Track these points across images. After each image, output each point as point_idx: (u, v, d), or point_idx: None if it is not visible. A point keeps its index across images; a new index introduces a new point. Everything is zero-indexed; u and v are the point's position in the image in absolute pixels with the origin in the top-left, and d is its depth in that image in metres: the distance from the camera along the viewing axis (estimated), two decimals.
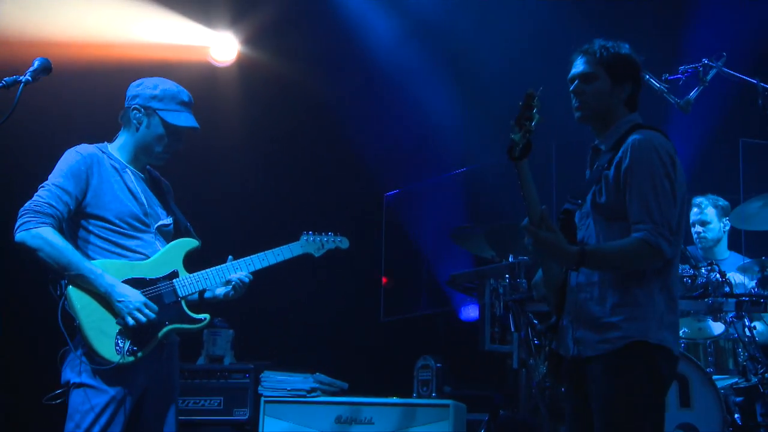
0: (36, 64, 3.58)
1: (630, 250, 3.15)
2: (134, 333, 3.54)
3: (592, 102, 3.37)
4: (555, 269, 3.37)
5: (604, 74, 3.37)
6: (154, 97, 3.79)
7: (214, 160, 7.61)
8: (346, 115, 8.00)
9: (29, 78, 3.53)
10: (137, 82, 3.86)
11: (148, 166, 3.92)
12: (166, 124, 3.78)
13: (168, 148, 3.82)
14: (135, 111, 3.78)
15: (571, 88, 3.42)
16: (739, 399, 5.37)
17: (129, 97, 3.83)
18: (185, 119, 3.82)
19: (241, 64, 7.78)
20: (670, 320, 3.23)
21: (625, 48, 3.42)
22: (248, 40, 7.79)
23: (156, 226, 3.79)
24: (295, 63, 7.85)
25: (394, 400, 5.13)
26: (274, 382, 5.31)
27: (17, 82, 3.48)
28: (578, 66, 3.42)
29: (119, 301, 3.53)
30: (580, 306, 3.26)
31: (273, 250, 3.93)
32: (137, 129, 3.79)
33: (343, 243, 4.19)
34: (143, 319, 3.54)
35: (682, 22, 7.03)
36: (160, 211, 3.86)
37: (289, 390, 5.25)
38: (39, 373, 3.98)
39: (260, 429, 5.18)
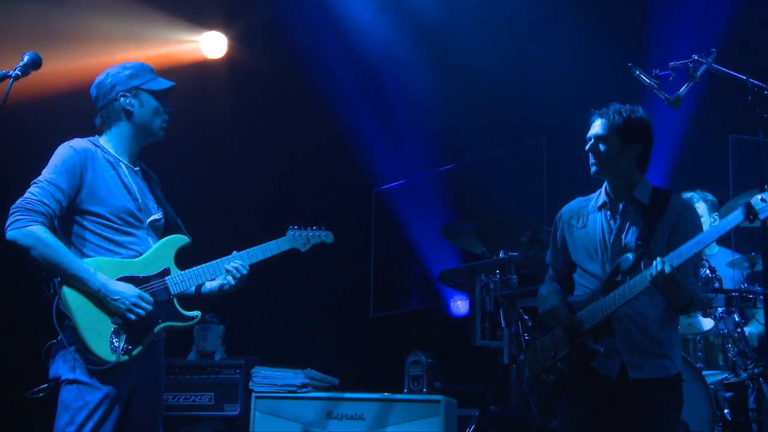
0: (26, 58, 3.56)
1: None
2: (128, 332, 3.52)
3: (606, 161, 3.79)
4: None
5: (616, 137, 3.78)
6: (130, 77, 3.76)
7: (203, 155, 7.60)
8: (335, 111, 7.99)
9: (19, 73, 3.51)
10: (98, 79, 3.78)
11: (138, 160, 3.89)
12: (154, 93, 3.77)
13: (164, 116, 3.81)
14: (122, 98, 3.73)
15: (587, 147, 3.84)
16: (728, 394, 5.38)
17: (102, 94, 3.75)
18: (164, 82, 3.83)
19: (232, 59, 7.76)
20: None
21: (638, 112, 3.85)
22: (238, 36, 7.77)
23: (148, 221, 3.76)
24: (285, 58, 7.83)
25: (385, 395, 5.12)
26: (265, 377, 5.29)
27: (7, 77, 3.52)
28: (594, 128, 3.83)
29: (115, 299, 3.50)
30: (630, 334, 3.67)
31: (261, 245, 3.90)
32: (131, 114, 3.75)
33: (328, 237, 4.17)
34: (142, 312, 3.53)
35: (674, 16, 7.04)
36: (152, 205, 3.83)
37: (279, 385, 5.23)
38: (18, 367, 3.96)
39: (251, 424, 5.16)
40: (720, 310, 5.34)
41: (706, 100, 5.77)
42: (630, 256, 3.62)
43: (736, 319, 5.32)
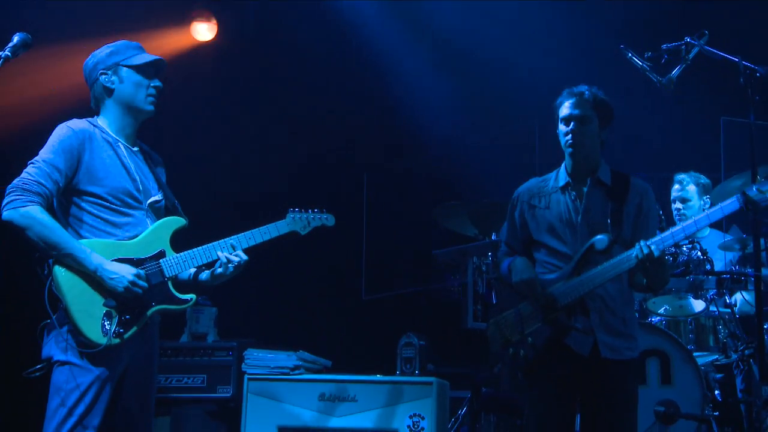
0: (16, 39, 3.53)
1: None
2: (121, 314, 3.50)
3: (586, 141, 3.84)
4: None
5: (596, 118, 3.85)
6: (111, 54, 3.74)
7: (199, 139, 7.56)
8: (329, 94, 7.96)
9: (9, 54, 3.48)
10: (87, 60, 3.79)
11: (138, 141, 3.85)
12: (134, 68, 3.73)
13: (149, 90, 3.76)
14: (102, 76, 3.72)
15: (570, 127, 3.82)
16: (719, 375, 5.40)
17: (89, 73, 3.77)
18: (147, 57, 3.78)
19: (224, 42, 7.72)
20: None
21: (605, 96, 3.91)
22: (230, 20, 7.72)
23: (148, 202, 3.73)
24: (278, 41, 7.79)
25: (378, 377, 5.12)
26: (258, 359, 5.28)
27: None
28: (577, 107, 3.84)
29: (111, 279, 3.47)
30: (603, 313, 3.74)
31: (259, 228, 3.84)
32: (112, 91, 3.73)
33: (329, 220, 4.12)
34: (139, 291, 3.51)
35: None
36: (152, 186, 3.79)
37: (272, 368, 5.22)
38: (15, 347, 3.93)
39: (244, 406, 5.15)
40: (711, 292, 5.36)
41: (698, 83, 5.75)
42: (605, 237, 3.64)
43: (727, 300, 5.32)
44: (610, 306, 3.75)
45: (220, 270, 3.74)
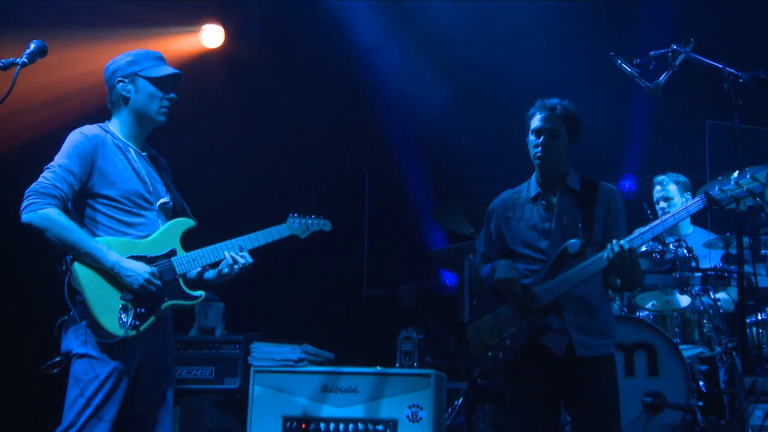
0: (32, 46, 3.54)
1: None
2: (136, 308, 3.56)
3: (554, 153, 3.87)
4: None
5: (565, 132, 3.88)
6: (130, 63, 3.77)
7: (205, 142, 7.57)
8: (332, 98, 7.99)
9: (26, 60, 3.50)
10: (108, 63, 3.83)
11: (146, 145, 3.90)
12: (150, 80, 3.77)
13: (162, 102, 3.80)
14: (120, 83, 3.76)
15: (540, 140, 3.86)
16: (703, 367, 5.44)
17: (108, 78, 3.81)
18: (165, 69, 3.81)
19: (229, 49, 7.73)
20: None
21: (574, 108, 3.93)
22: (236, 27, 7.75)
23: (158, 204, 3.78)
24: (281, 46, 7.81)
25: (378, 369, 5.15)
26: (263, 352, 5.32)
27: (14, 64, 3.45)
28: (547, 121, 3.86)
29: (128, 276, 3.53)
30: (578, 314, 3.75)
31: (263, 231, 3.91)
32: (128, 99, 3.77)
33: (326, 226, 4.19)
34: (153, 288, 3.57)
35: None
36: (161, 188, 3.85)
37: (277, 360, 5.25)
38: (31, 343, 3.98)
39: (250, 397, 5.19)
40: (696, 288, 5.40)
41: (684, 88, 5.80)
42: (576, 241, 3.69)
43: (712, 296, 5.38)
44: (585, 306, 3.77)
45: (226, 270, 3.80)
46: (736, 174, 3.66)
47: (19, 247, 4.81)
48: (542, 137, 3.86)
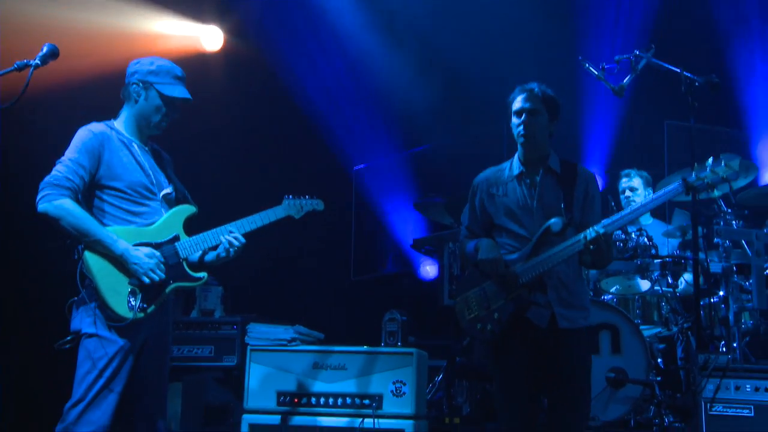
0: (45, 49, 3.55)
1: None
2: (144, 292, 3.57)
3: (537, 133, 3.82)
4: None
5: (546, 112, 3.84)
6: (150, 72, 3.76)
7: (204, 137, 7.52)
8: (321, 97, 7.96)
9: (38, 62, 3.51)
10: (135, 60, 3.83)
11: (150, 141, 3.89)
12: (162, 96, 3.75)
13: (165, 118, 3.79)
14: (134, 85, 3.76)
15: (521, 119, 3.81)
16: (662, 346, 5.50)
17: (128, 73, 3.80)
18: (179, 91, 3.79)
19: (228, 51, 7.68)
20: None
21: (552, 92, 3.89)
22: (234, 30, 7.69)
23: (161, 194, 3.78)
24: (274, 49, 7.76)
25: (365, 348, 5.13)
26: (259, 332, 5.29)
27: (27, 66, 3.46)
28: (528, 101, 3.82)
29: (135, 264, 3.55)
30: (558, 289, 3.76)
31: (260, 213, 3.91)
32: (136, 102, 3.76)
33: (319, 205, 4.16)
34: (156, 278, 3.59)
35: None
36: (163, 180, 3.85)
37: (272, 339, 5.23)
38: (44, 323, 3.96)
39: (246, 373, 5.17)
40: (656, 273, 5.42)
41: (645, 90, 5.81)
42: (559, 220, 3.68)
43: (669, 281, 5.40)
44: (564, 282, 3.77)
45: (224, 253, 3.78)
46: (710, 161, 3.64)
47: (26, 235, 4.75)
48: (524, 115, 3.82)
